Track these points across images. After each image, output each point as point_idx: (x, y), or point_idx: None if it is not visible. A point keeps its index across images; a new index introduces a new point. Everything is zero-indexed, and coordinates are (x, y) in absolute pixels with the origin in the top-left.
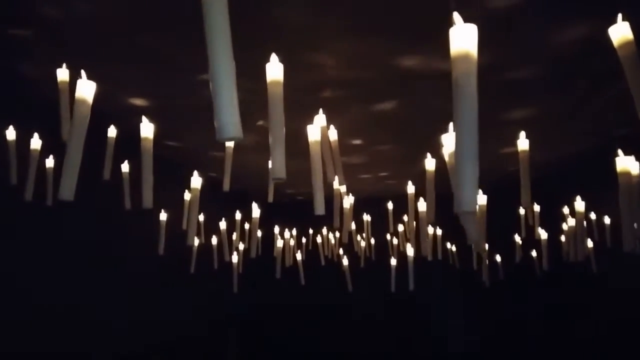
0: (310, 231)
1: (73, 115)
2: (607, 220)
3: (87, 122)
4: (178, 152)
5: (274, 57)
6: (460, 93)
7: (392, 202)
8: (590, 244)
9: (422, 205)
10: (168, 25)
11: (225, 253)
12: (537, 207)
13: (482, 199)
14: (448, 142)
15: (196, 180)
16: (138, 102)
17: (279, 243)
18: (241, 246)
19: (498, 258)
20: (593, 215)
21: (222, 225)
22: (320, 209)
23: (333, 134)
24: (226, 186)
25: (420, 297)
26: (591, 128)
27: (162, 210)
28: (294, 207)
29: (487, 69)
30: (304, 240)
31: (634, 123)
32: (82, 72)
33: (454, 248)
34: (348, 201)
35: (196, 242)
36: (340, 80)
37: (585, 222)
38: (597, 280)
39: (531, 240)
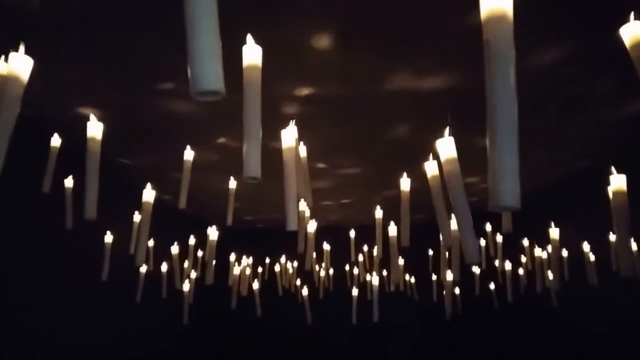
0: (267, 260)
1: (2, 94)
2: (564, 253)
3: (18, 104)
4: (130, 171)
5: (250, 38)
6: (495, 62)
7: (354, 230)
8: (550, 276)
9: (392, 230)
10: (129, 24)
11: (176, 280)
12: (499, 238)
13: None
14: (443, 147)
15: (149, 194)
16: (88, 111)
17: (235, 271)
18: (193, 274)
19: (457, 290)
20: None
21: (174, 249)
22: (293, 223)
23: (302, 150)
24: (182, 204)
25: (381, 328)
26: (552, 159)
27: (108, 232)
28: (252, 235)
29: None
30: (260, 269)
31: (598, 154)
32: (21, 46)
33: (412, 280)
34: (312, 226)
35: (144, 268)
36: (307, 97)
37: (545, 254)
38: (557, 315)
39: (490, 272)
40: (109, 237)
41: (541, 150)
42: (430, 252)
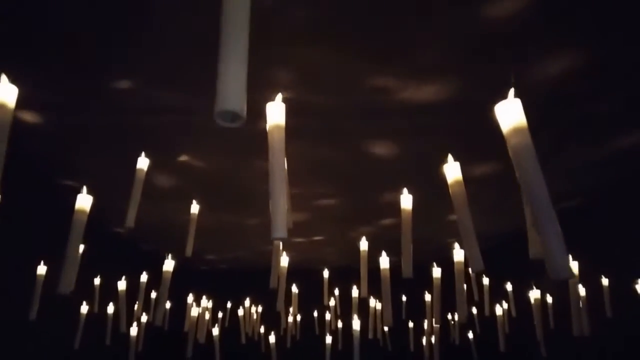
0: (229, 305)
1: None
2: (549, 299)
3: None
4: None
5: (278, 97)
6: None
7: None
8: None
9: (383, 262)
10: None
11: (121, 323)
12: (485, 280)
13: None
14: (450, 171)
15: (84, 200)
16: (28, 117)
17: (193, 313)
18: (144, 318)
19: (432, 339)
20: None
21: (121, 286)
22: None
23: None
24: (130, 222)
25: None
26: None
27: (42, 262)
28: (214, 276)
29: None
30: (221, 315)
31: (582, 195)
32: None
33: (386, 328)
34: (285, 260)
35: (85, 309)
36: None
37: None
38: None
39: (469, 319)
40: (42, 269)
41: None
42: (404, 298)
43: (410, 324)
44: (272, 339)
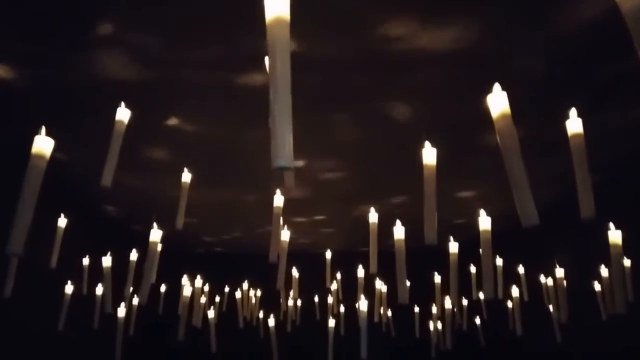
0: (227, 289)
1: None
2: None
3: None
4: (59, 169)
5: None
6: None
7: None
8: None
9: (398, 232)
10: None
11: (106, 302)
12: (499, 261)
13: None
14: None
15: (43, 143)
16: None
17: (186, 293)
18: (135, 300)
19: (439, 325)
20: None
21: (106, 262)
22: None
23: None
24: (106, 180)
25: None
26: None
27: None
28: (211, 259)
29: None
30: (218, 299)
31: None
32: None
33: (389, 313)
34: (286, 234)
35: (70, 289)
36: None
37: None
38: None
39: (475, 305)
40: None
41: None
42: (408, 283)
43: (416, 309)
44: (271, 322)
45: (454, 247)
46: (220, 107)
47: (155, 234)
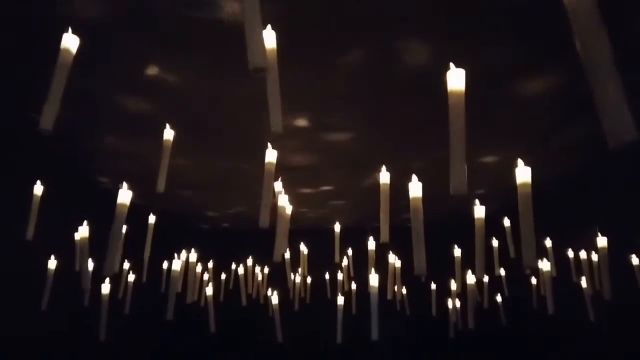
0: (234, 267)
1: None
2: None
3: None
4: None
5: None
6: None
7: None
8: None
9: (415, 189)
10: None
11: (83, 278)
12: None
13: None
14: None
15: None
16: None
17: (175, 265)
18: (131, 277)
19: (457, 303)
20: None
21: (83, 232)
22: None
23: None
24: (45, 124)
25: (367, 350)
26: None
27: None
28: (216, 235)
29: None
30: (223, 276)
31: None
32: None
33: (404, 290)
34: (284, 199)
35: (53, 264)
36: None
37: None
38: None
39: (497, 282)
40: None
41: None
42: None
43: (433, 286)
44: (274, 299)
45: (480, 211)
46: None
47: (124, 195)
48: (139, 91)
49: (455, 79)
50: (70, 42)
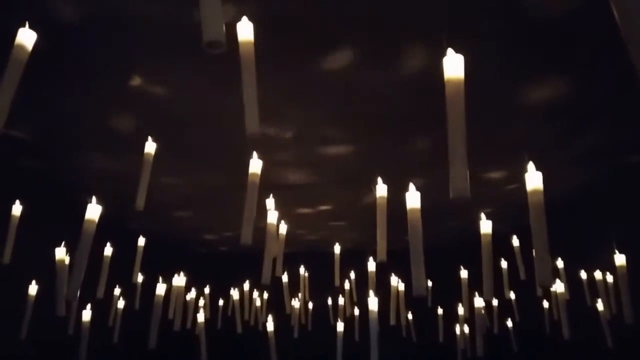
0: (233, 292)
1: None
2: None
3: None
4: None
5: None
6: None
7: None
8: (600, 307)
9: (412, 200)
10: None
11: (58, 303)
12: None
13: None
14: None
15: None
16: None
17: (159, 290)
18: (121, 303)
19: (466, 329)
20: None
21: (59, 253)
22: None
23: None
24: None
25: None
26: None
27: None
28: (212, 259)
29: None
30: (221, 302)
31: None
32: None
33: (410, 316)
34: (274, 215)
35: (34, 289)
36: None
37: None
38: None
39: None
40: None
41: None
42: (430, 283)
43: (440, 311)
44: (270, 326)
45: (486, 226)
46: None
47: (93, 211)
48: (124, 106)
49: (453, 65)
50: (25, 37)
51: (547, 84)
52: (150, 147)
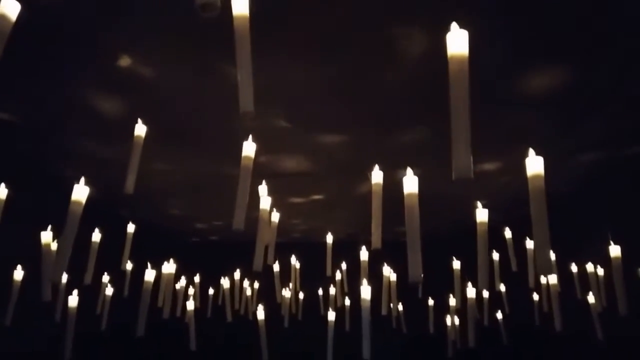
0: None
1: None
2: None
3: None
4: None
5: None
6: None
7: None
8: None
9: (410, 184)
10: None
11: (44, 287)
12: (530, 243)
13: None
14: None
15: None
16: None
17: (148, 277)
18: (109, 290)
19: (456, 320)
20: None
21: (45, 237)
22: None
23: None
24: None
25: None
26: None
27: None
28: (203, 248)
29: None
30: (211, 292)
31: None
32: None
33: (400, 307)
34: (267, 200)
35: (20, 274)
36: None
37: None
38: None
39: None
40: None
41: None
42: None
43: (431, 302)
44: (260, 315)
45: (482, 215)
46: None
47: (80, 192)
48: (114, 89)
49: (457, 41)
50: (10, 7)
51: (546, 72)
52: (140, 129)
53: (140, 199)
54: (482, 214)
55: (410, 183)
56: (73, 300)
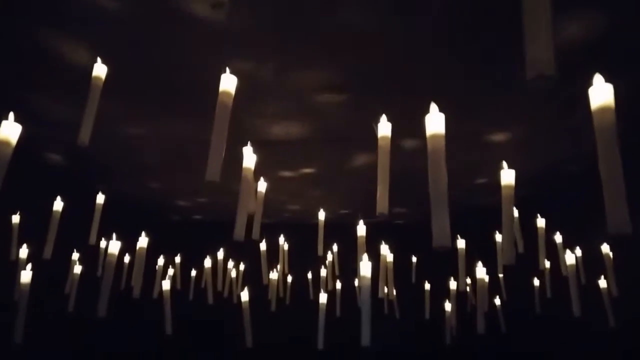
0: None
1: None
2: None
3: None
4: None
5: None
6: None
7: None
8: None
9: (435, 123)
10: None
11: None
12: (540, 221)
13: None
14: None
15: None
16: None
17: (113, 248)
18: (77, 269)
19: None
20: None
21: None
22: None
23: None
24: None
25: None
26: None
27: None
28: (185, 228)
29: None
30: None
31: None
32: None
33: (394, 291)
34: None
35: None
36: None
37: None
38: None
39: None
40: None
41: None
42: (414, 259)
43: (427, 286)
44: (244, 296)
45: (508, 176)
46: None
47: (8, 129)
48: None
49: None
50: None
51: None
52: (99, 69)
53: (118, 171)
54: (508, 176)
55: (435, 122)
56: (26, 275)
